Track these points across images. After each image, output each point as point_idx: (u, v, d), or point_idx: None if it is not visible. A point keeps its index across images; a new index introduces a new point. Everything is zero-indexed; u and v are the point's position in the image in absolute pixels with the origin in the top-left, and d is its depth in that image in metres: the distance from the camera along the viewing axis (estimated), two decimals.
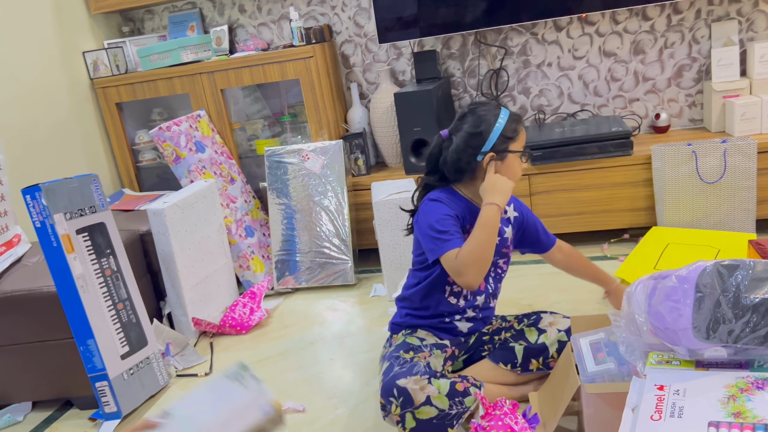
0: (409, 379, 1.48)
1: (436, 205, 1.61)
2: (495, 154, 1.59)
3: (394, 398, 1.48)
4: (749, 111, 2.45)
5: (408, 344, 1.64)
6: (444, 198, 1.63)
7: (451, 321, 1.71)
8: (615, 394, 1.34)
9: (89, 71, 2.96)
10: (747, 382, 1.11)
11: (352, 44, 3.00)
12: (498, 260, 1.72)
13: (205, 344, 2.36)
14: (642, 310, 1.24)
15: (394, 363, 1.56)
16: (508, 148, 1.60)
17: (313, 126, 2.82)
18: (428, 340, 1.68)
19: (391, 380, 1.50)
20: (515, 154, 1.61)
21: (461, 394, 1.51)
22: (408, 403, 1.47)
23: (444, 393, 1.49)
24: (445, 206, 1.60)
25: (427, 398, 1.47)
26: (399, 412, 1.47)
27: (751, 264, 1.17)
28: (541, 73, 2.86)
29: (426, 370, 1.53)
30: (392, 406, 1.48)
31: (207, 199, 2.50)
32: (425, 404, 1.47)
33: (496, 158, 1.59)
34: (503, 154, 1.60)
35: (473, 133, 1.59)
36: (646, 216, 2.53)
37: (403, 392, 1.47)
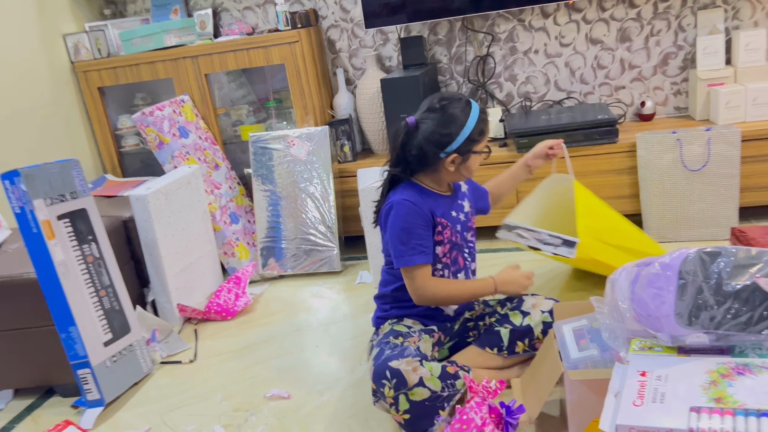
0: (401, 360, 1.48)
1: (406, 208, 1.60)
2: (457, 155, 1.60)
3: (387, 380, 1.47)
4: (733, 99, 2.46)
5: (396, 331, 1.65)
6: (412, 197, 1.62)
7: (437, 306, 1.72)
8: (598, 381, 1.35)
9: (70, 55, 2.90)
10: (728, 368, 1.12)
11: (338, 29, 2.97)
12: (466, 235, 1.75)
13: (189, 331, 2.35)
14: (625, 296, 1.25)
15: (385, 347, 1.56)
16: (472, 149, 1.61)
17: (298, 112, 2.79)
18: (415, 327, 1.69)
19: (384, 363, 1.49)
20: (478, 154, 1.64)
21: (452, 377, 1.51)
22: (401, 385, 1.47)
23: (436, 375, 1.49)
24: (415, 210, 1.60)
25: (420, 379, 1.47)
26: (393, 394, 1.47)
27: (733, 251, 1.18)
28: (527, 60, 2.85)
29: (417, 353, 1.54)
30: (385, 389, 1.47)
31: (191, 186, 2.48)
32: (418, 385, 1.47)
33: (458, 160, 1.61)
34: (467, 155, 1.61)
35: (441, 133, 1.58)
36: (631, 203, 2.54)
37: (396, 374, 1.47)
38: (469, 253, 1.77)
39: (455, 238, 1.70)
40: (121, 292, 2.02)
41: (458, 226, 1.71)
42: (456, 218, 1.70)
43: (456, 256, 1.72)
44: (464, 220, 1.74)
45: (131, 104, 3.08)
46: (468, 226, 1.76)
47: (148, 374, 2.08)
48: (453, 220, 1.69)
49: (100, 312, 1.94)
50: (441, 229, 1.66)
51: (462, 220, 1.73)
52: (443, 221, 1.66)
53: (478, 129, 1.60)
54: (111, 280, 2.00)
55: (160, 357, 2.17)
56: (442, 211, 1.66)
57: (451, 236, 1.69)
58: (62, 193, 1.89)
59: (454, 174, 1.65)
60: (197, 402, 1.90)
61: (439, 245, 1.68)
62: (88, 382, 1.89)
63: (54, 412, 1.98)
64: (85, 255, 1.93)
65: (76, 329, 1.85)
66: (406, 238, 1.59)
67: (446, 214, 1.68)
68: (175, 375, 2.07)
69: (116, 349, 1.96)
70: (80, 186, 1.95)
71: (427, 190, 1.67)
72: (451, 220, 1.69)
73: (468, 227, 1.76)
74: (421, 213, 1.61)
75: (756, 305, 1.12)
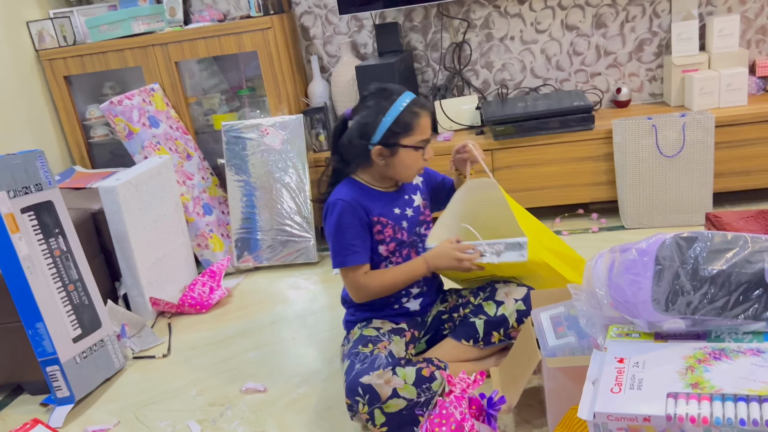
0: (372, 374, 1.46)
1: (339, 208, 1.57)
2: (383, 147, 1.55)
3: (360, 397, 1.46)
4: (708, 85, 2.47)
5: (365, 337, 1.62)
6: (346, 195, 1.59)
7: (400, 305, 1.71)
8: (576, 368, 1.34)
9: (34, 43, 2.81)
10: (704, 353, 1.12)
11: (312, 15, 2.92)
12: (419, 230, 1.71)
13: (162, 325, 2.30)
14: (602, 283, 1.24)
15: (355, 360, 1.53)
16: (399, 142, 1.54)
17: (272, 100, 2.74)
18: (384, 328, 1.67)
19: (354, 379, 1.47)
20: (408, 149, 1.55)
21: (428, 380, 1.49)
22: (375, 400, 1.45)
23: (410, 382, 1.47)
24: (348, 210, 1.57)
25: (394, 391, 1.46)
26: (367, 410, 1.45)
27: (710, 236, 1.17)
28: (503, 47, 2.83)
29: (388, 361, 1.51)
30: (359, 405, 1.46)
31: (162, 176, 2.42)
32: (392, 397, 1.45)
33: (386, 152, 1.56)
34: (394, 148, 1.55)
35: (363, 123, 1.55)
36: (608, 190, 2.55)
37: (368, 389, 1.45)
38: (423, 247, 1.72)
39: (401, 236, 1.66)
40: (91, 286, 1.97)
41: (404, 223, 1.66)
42: (400, 215, 1.66)
43: (408, 253, 1.69)
44: (413, 215, 1.69)
45: (100, 93, 3.00)
46: (420, 221, 1.71)
47: (120, 370, 2.03)
48: (396, 218, 1.65)
49: (69, 307, 1.88)
50: (381, 228, 1.63)
51: (410, 216, 1.68)
52: (382, 220, 1.62)
53: (402, 121, 1.52)
54: (80, 274, 1.95)
55: (133, 352, 2.13)
56: (381, 210, 1.62)
57: (395, 234, 1.65)
58: (26, 185, 1.83)
59: (387, 168, 1.59)
60: (171, 397, 1.86)
61: (382, 244, 1.64)
62: (57, 379, 1.83)
63: (22, 410, 1.93)
64: (52, 249, 1.87)
65: (43, 325, 1.80)
66: (339, 239, 1.58)
67: (386, 213, 1.63)
68: (149, 370, 2.03)
69: (86, 345, 1.91)
70: (45, 178, 1.89)
71: (366, 187, 1.63)
72: (392, 217, 1.64)
73: (420, 221, 1.71)
74: (355, 213, 1.57)
75: (732, 290, 1.12)
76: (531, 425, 1.49)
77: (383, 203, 1.64)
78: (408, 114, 1.53)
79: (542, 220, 2.66)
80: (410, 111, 1.53)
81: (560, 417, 1.37)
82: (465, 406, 1.36)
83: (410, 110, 1.53)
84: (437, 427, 1.33)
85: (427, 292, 1.74)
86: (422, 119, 1.55)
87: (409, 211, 1.69)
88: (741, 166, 2.43)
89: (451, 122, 2.76)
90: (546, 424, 1.46)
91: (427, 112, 1.56)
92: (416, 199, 1.71)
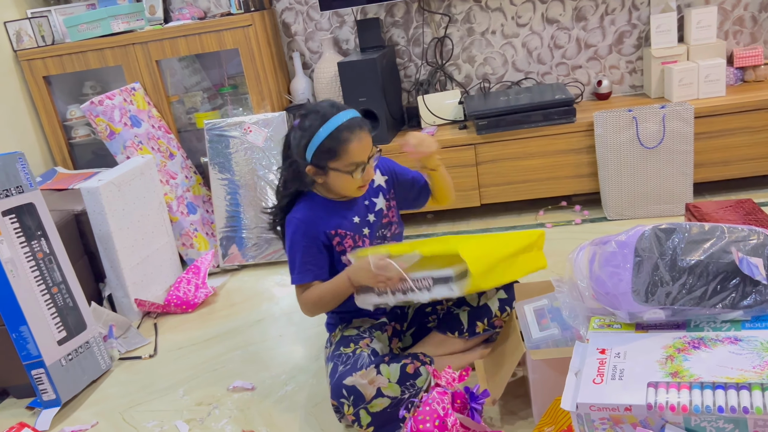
0: (356, 375, 1.47)
1: (293, 227, 1.59)
2: (315, 167, 1.53)
3: (345, 399, 1.47)
4: (686, 76, 2.50)
5: (346, 338, 1.63)
6: (302, 213, 1.59)
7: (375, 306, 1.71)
8: (560, 359, 1.36)
9: (12, 43, 2.78)
10: (684, 342, 1.14)
11: (293, 12, 2.91)
12: (384, 232, 1.71)
13: (148, 325, 2.29)
14: (584, 275, 1.25)
15: (338, 362, 1.54)
16: (328, 165, 1.52)
17: (254, 97, 2.73)
18: (365, 326, 1.68)
19: (338, 381, 1.48)
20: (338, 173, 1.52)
21: (412, 377, 1.51)
22: (359, 400, 1.46)
23: (395, 380, 1.48)
24: (301, 229, 1.57)
25: (378, 390, 1.47)
26: (352, 411, 1.47)
27: (687, 227, 1.19)
28: (485, 41, 2.84)
29: (371, 359, 1.52)
30: (345, 407, 1.47)
31: (145, 176, 2.40)
32: (376, 397, 1.47)
33: (319, 172, 1.54)
34: (325, 170, 1.53)
35: (296, 143, 1.53)
36: (590, 182, 2.57)
37: (352, 390, 1.47)
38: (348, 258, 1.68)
39: (362, 243, 1.65)
40: (75, 288, 1.96)
41: (365, 230, 1.65)
42: (360, 223, 1.64)
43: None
44: (375, 220, 1.67)
45: (80, 93, 2.97)
46: (384, 223, 1.70)
47: (106, 371, 2.03)
48: (355, 227, 1.63)
49: (53, 310, 1.87)
50: (340, 239, 1.61)
51: (372, 221, 1.67)
52: (340, 232, 1.61)
53: (326, 146, 1.48)
54: (63, 277, 1.93)
55: (119, 353, 2.12)
56: (338, 222, 1.61)
57: (357, 243, 1.64)
58: (7, 188, 1.81)
59: (326, 185, 1.58)
60: (159, 397, 1.86)
61: (343, 254, 1.62)
62: (43, 382, 1.82)
63: (8, 414, 1.92)
64: (35, 251, 1.86)
65: (27, 328, 1.79)
66: (292, 257, 1.60)
67: (343, 224, 1.61)
68: (135, 371, 2.02)
69: (71, 347, 1.90)
70: (26, 180, 1.87)
71: (322, 200, 1.61)
72: (351, 227, 1.62)
73: (384, 224, 1.70)
74: (306, 232, 1.58)
75: (709, 280, 1.14)
76: (517, 416, 1.51)
77: (340, 215, 1.62)
78: (333, 140, 1.48)
79: (525, 213, 2.70)
80: (336, 137, 1.48)
81: (545, 408, 1.39)
82: (447, 401, 1.37)
83: (336, 136, 1.48)
84: (421, 423, 1.34)
85: None
86: (351, 144, 1.49)
87: (371, 216, 1.67)
88: (720, 156, 2.46)
89: (434, 117, 2.76)
90: (531, 416, 1.48)
91: (358, 136, 1.49)
92: (378, 202, 1.69)
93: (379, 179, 1.70)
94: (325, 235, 1.60)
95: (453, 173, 2.61)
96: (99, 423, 1.78)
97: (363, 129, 1.52)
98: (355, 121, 1.51)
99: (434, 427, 1.34)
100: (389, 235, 1.73)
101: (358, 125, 1.51)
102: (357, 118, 1.52)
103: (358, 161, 1.52)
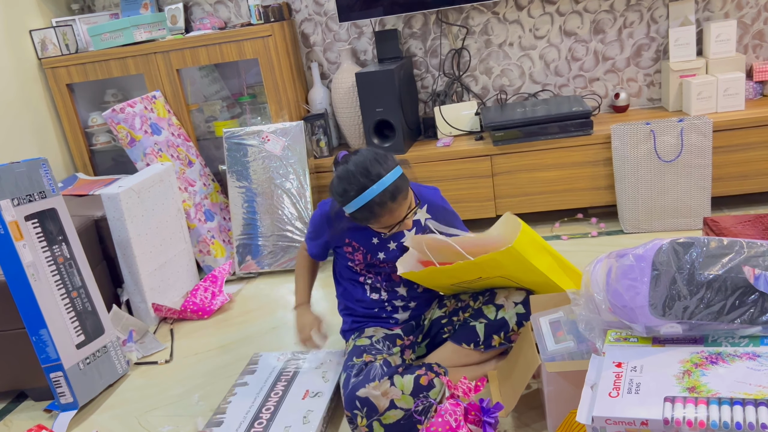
0: (368, 387, 1.48)
1: (319, 210, 1.73)
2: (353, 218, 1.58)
3: (358, 410, 1.48)
4: (705, 90, 2.49)
5: (358, 348, 1.64)
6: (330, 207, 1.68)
7: (387, 313, 1.74)
8: (575, 372, 1.35)
9: (37, 51, 2.83)
10: (701, 357, 1.13)
11: (312, 23, 2.94)
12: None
13: (165, 331, 2.31)
14: (600, 288, 1.25)
15: (350, 373, 1.55)
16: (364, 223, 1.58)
17: (273, 107, 2.76)
18: (377, 335, 1.69)
19: (351, 393, 1.49)
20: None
21: (425, 389, 1.51)
22: (372, 412, 1.47)
23: (408, 392, 1.49)
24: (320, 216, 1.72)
25: (391, 402, 1.47)
26: (365, 423, 1.47)
27: (705, 241, 1.19)
28: (502, 53, 2.85)
29: (383, 370, 1.53)
30: (357, 418, 1.48)
31: (164, 183, 2.44)
32: (390, 409, 1.47)
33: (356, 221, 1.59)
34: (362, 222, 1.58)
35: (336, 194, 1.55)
36: (607, 194, 2.56)
37: (365, 402, 1.47)
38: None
39: (373, 261, 1.70)
40: (94, 292, 1.99)
41: (380, 254, 1.69)
42: (377, 245, 1.68)
43: (388, 274, 1.73)
44: (395, 249, 1.69)
45: (102, 101, 3.02)
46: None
47: (123, 376, 2.05)
48: (371, 247, 1.68)
49: (72, 314, 1.90)
50: (351, 250, 1.70)
51: (391, 249, 1.69)
52: (354, 244, 1.68)
53: (361, 214, 1.52)
54: (83, 281, 1.96)
55: (136, 358, 2.14)
56: (355, 235, 1.67)
57: (366, 260, 1.70)
58: (30, 193, 1.85)
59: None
60: (174, 402, 1.88)
61: (351, 262, 1.72)
62: (61, 385, 1.85)
63: (26, 416, 1.94)
64: (56, 256, 1.89)
65: (47, 332, 1.81)
66: (309, 225, 1.79)
67: (360, 239, 1.67)
68: (151, 376, 2.04)
69: (89, 351, 1.93)
70: (49, 185, 1.91)
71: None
72: (367, 246, 1.68)
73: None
74: (322, 224, 1.71)
75: (728, 295, 1.14)
76: (531, 429, 1.51)
77: (359, 229, 1.66)
78: (365, 211, 1.51)
79: (541, 224, 2.69)
80: (369, 209, 1.50)
81: (560, 421, 1.39)
82: (460, 413, 1.38)
83: (369, 208, 1.50)
84: None
85: (416, 307, 1.77)
86: (382, 218, 1.52)
87: (393, 245, 1.69)
88: (739, 170, 2.45)
89: (450, 128, 2.77)
90: (546, 428, 1.47)
91: (389, 209, 1.50)
92: (408, 236, 1.69)
93: (421, 215, 1.72)
94: (340, 238, 1.67)
95: (468, 184, 2.62)
96: (116, 427, 1.80)
97: (396, 198, 1.50)
98: (388, 194, 1.48)
99: None
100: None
101: (390, 196, 1.49)
102: (391, 187, 1.48)
103: (388, 225, 1.56)
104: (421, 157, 2.64)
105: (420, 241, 1.65)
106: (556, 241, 2.53)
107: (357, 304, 1.76)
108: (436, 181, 2.62)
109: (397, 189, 1.49)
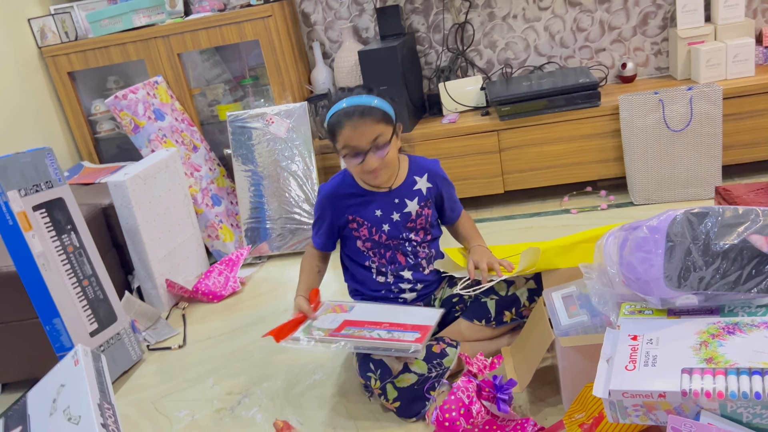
0: None
1: (320, 195, 1.72)
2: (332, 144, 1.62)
3: (372, 372, 1.49)
4: (714, 57, 2.45)
5: None
6: (331, 186, 1.69)
7: (395, 294, 1.74)
8: (589, 346, 1.35)
9: (36, 39, 2.81)
10: (718, 328, 1.12)
11: (312, 1, 2.90)
12: (409, 236, 1.70)
13: (177, 316, 2.32)
14: (614, 261, 1.24)
15: None
16: (334, 145, 1.60)
17: (275, 88, 2.74)
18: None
19: (366, 356, 1.50)
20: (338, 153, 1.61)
21: (438, 356, 1.52)
22: (386, 374, 1.48)
23: (421, 357, 1.49)
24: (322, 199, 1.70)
25: (405, 366, 1.49)
26: (379, 385, 1.48)
27: (720, 211, 1.17)
28: (506, 26, 2.81)
29: None
30: (371, 381, 1.49)
31: (170, 169, 2.43)
32: (404, 372, 1.48)
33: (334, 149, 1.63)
34: (334, 147, 1.61)
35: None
36: (616, 167, 2.54)
37: (379, 364, 1.49)
38: (412, 250, 1.71)
39: (378, 238, 1.68)
40: (105, 280, 1.99)
41: (385, 226, 1.67)
42: (381, 217, 1.66)
43: (393, 255, 1.71)
44: (399, 220, 1.68)
45: (104, 88, 3.00)
46: (408, 227, 1.69)
47: (137, 362, 2.06)
48: (375, 220, 1.66)
49: (84, 302, 1.90)
50: (356, 226, 1.69)
51: (395, 220, 1.67)
52: (358, 219, 1.67)
53: (328, 128, 1.58)
54: (93, 269, 1.96)
55: (148, 344, 2.15)
56: (357, 210, 1.67)
57: (372, 236, 1.68)
58: (36, 183, 1.84)
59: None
60: (189, 387, 1.89)
61: (358, 240, 1.71)
62: None
63: None
64: (65, 245, 1.89)
65: (60, 321, 1.82)
66: (314, 218, 1.75)
67: (363, 213, 1.66)
68: (165, 361, 2.06)
69: (103, 339, 1.94)
70: (55, 175, 1.90)
71: (352, 182, 1.67)
72: (370, 219, 1.66)
73: (408, 228, 1.70)
74: (325, 206, 1.70)
75: (744, 264, 1.12)
76: (546, 404, 1.51)
77: (361, 204, 1.67)
78: (331, 124, 1.56)
79: (550, 199, 2.67)
80: (334, 121, 1.55)
81: (575, 395, 1.38)
82: (472, 389, 1.38)
83: (335, 120, 1.54)
84: (447, 413, 1.35)
85: (423, 288, 1.76)
86: (343, 129, 1.53)
87: (396, 215, 1.67)
88: (750, 137, 2.41)
89: (455, 104, 2.74)
90: (561, 402, 1.47)
91: (353, 123, 1.51)
92: (410, 205, 1.68)
93: (421, 184, 1.70)
94: (342, 214, 1.67)
95: (476, 160, 2.60)
96: (132, 413, 1.82)
97: (364, 117, 1.51)
98: (358, 109, 1.51)
99: (460, 416, 1.35)
100: (417, 241, 1.72)
101: (359, 113, 1.51)
102: (363, 106, 1.52)
103: (351, 146, 1.54)
104: (427, 135, 2.61)
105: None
106: (565, 215, 2.51)
107: (364, 286, 1.77)
108: (443, 159, 2.59)
109: (370, 110, 1.52)
